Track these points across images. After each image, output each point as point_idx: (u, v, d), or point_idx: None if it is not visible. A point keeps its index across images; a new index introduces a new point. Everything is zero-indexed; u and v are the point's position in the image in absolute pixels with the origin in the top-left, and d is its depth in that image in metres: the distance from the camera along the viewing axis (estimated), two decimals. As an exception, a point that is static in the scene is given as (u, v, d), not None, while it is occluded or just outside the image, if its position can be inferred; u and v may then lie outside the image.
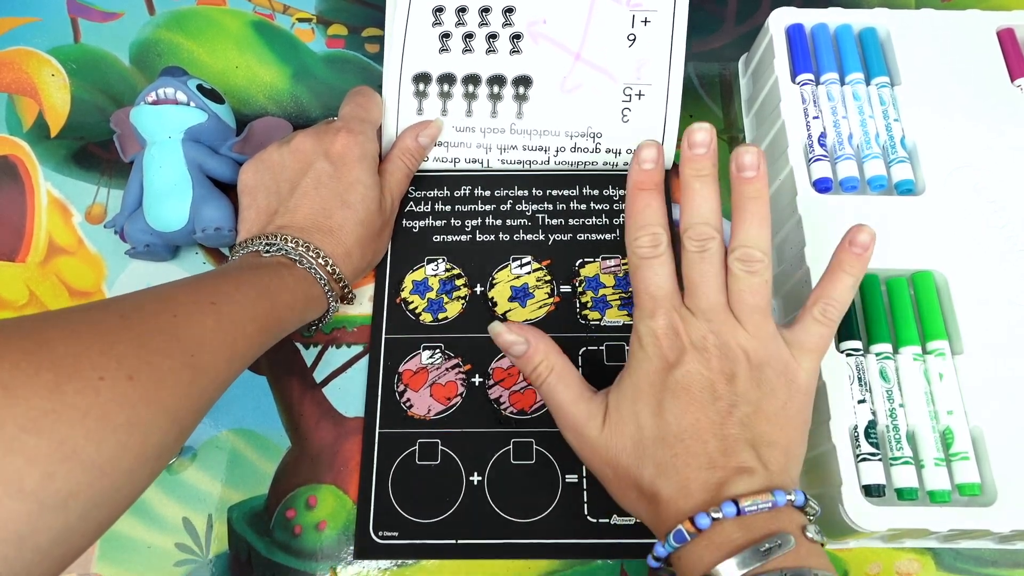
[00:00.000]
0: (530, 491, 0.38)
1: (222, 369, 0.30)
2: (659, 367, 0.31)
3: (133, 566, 0.37)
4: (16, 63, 0.49)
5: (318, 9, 0.51)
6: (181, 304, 0.30)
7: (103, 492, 0.24)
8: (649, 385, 0.31)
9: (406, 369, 0.40)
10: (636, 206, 0.32)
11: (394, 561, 0.37)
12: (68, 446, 0.23)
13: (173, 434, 0.28)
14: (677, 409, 0.30)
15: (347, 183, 0.38)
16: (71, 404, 0.24)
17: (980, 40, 0.43)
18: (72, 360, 0.24)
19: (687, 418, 0.29)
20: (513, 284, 0.42)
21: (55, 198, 0.45)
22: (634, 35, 0.44)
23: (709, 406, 0.30)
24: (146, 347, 0.27)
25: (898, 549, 0.37)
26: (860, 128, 0.41)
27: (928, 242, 0.38)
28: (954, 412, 0.35)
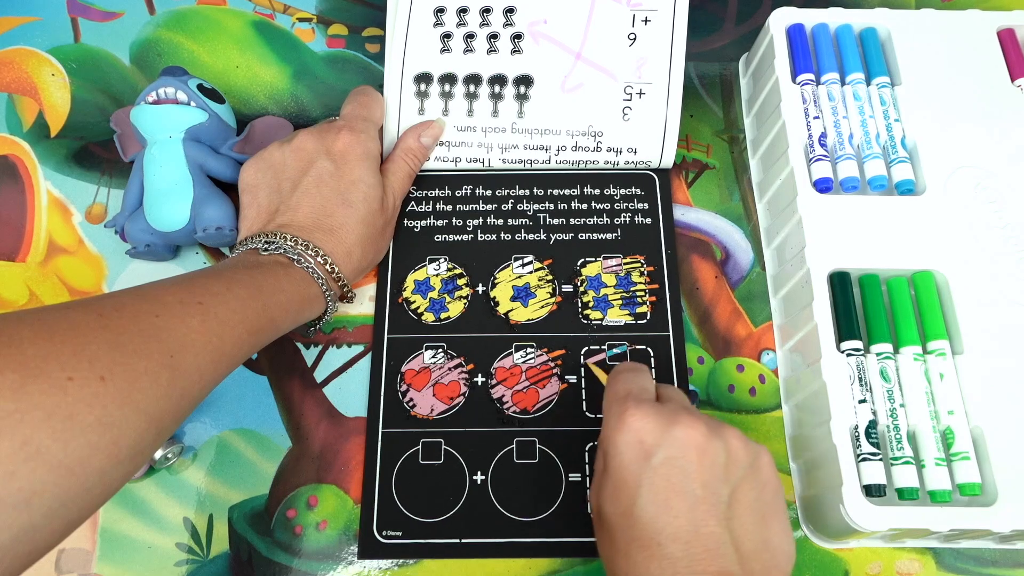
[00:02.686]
0: (533, 490, 0.38)
1: (207, 370, 0.30)
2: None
3: (134, 566, 0.37)
4: (16, 63, 0.49)
5: (318, 9, 0.51)
6: (166, 304, 0.30)
7: (71, 491, 0.24)
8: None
9: (409, 369, 0.40)
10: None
11: (394, 561, 0.37)
12: (32, 446, 0.23)
13: (150, 434, 0.27)
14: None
15: (349, 182, 0.38)
16: (36, 404, 0.24)
17: (980, 40, 0.43)
18: (40, 360, 0.25)
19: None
20: (515, 284, 0.42)
21: (55, 198, 0.45)
22: (634, 34, 0.44)
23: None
24: (122, 348, 0.27)
25: (899, 549, 0.37)
26: (860, 128, 0.41)
27: (928, 242, 0.38)
28: (955, 412, 0.35)
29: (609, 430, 0.30)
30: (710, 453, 0.28)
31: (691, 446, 0.28)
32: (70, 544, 0.37)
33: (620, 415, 0.29)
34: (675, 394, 0.33)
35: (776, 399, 0.40)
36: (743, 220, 0.45)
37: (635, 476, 0.28)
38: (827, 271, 0.37)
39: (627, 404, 0.30)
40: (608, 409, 0.31)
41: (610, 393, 0.32)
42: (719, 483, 0.28)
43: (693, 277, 0.43)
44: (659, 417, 0.29)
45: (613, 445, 0.29)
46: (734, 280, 0.43)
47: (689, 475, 0.28)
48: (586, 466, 0.38)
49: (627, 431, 0.29)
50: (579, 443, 0.39)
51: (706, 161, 0.46)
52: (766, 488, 0.29)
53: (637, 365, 0.34)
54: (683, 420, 0.29)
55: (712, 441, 0.29)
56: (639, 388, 0.31)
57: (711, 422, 0.29)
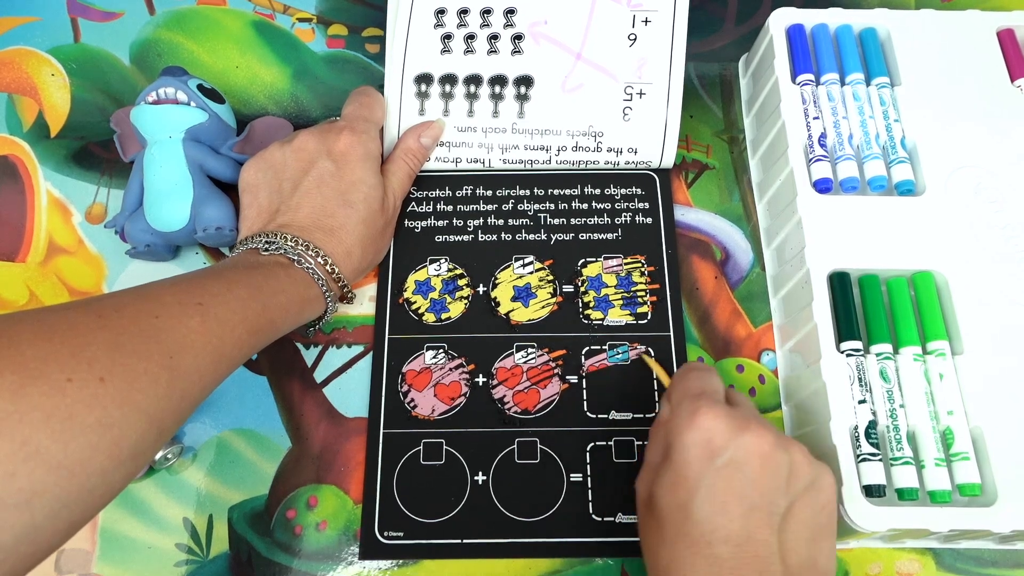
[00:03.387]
0: (535, 490, 0.38)
1: (207, 371, 0.30)
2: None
3: (133, 566, 0.37)
4: (16, 63, 0.49)
5: (318, 9, 0.51)
6: (165, 304, 0.30)
7: (72, 492, 0.25)
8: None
9: (410, 369, 0.40)
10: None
11: (395, 561, 0.37)
12: (31, 446, 0.23)
13: (151, 435, 0.28)
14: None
15: (349, 182, 0.38)
16: (34, 405, 0.24)
17: (980, 40, 0.43)
18: (39, 362, 0.25)
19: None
20: (516, 284, 0.42)
21: (55, 198, 0.45)
22: (635, 35, 0.44)
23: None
24: (121, 349, 0.27)
25: (899, 549, 0.37)
26: (860, 128, 0.41)
27: (928, 242, 0.38)
28: (954, 412, 0.35)
29: (678, 425, 0.30)
30: (774, 463, 0.29)
31: (756, 454, 0.29)
32: (70, 544, 0.37)
33: (692, 412, 0.30)
34: (745, 400, 0.33)
35: (776, 399, 0.40)
36: (743, 220, 0.45)
37: (697, 473, 0.29)
38: (827, 271, 0.37)
39: (700, 402, 0.30)
40: (679, 404, 0.31)
41: (681, 388, 0.32)
42: (778, 494, 0.29)
43: (693, 277, 0.43)
44: (731, 421, 0.29)
45: (680, 439, 0.30)
46: (734, 280, 0.43)
47: (750, 481, 0.28)
48: (587, 466, 0.38)
49: (697, 429, 0.29)
50: (580, 443, 0.39)
51: (706, 161, 0.46)
52: (824, 509, 0.30)
53: (707, 365, 0.34)
54: (753, 427, 0.29)
55: (778, 452, 0.29)
56: (712, 388, 0.32)
57: (780, 434, 0.30)
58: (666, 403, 0.33)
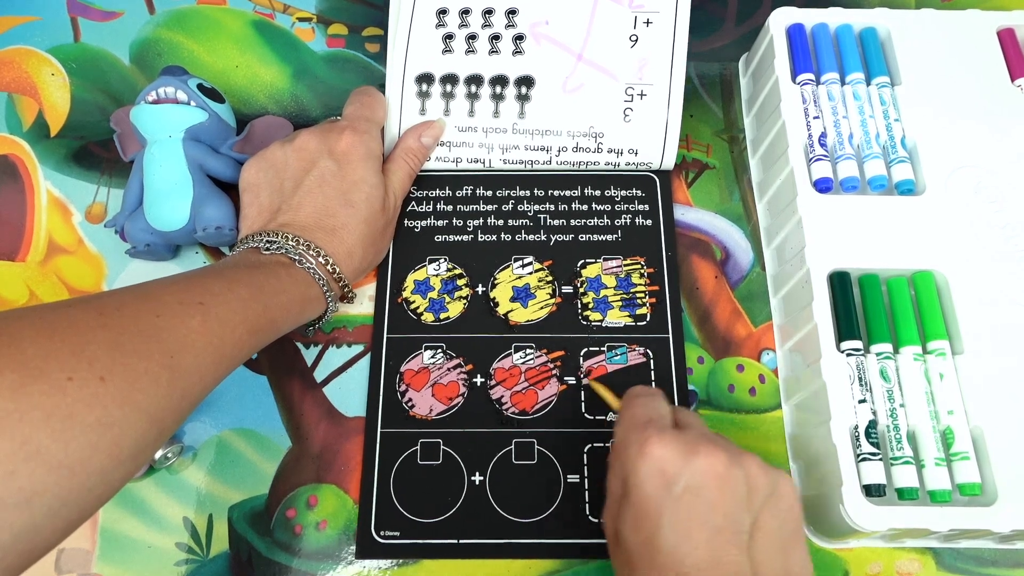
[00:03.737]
0: (532, 491, 0.38)
1: (207, 370, 0.30)
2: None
3: (133, 566, 0.37)
4: (16, 62, 0.49)
5: (318, 8, 0.51)
6: (166, 304, 0.30)
7: (71, 491, 0.25)
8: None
9: (408, 369, 0.40)
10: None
11: (394, 561, 0.37)
12: (31, 446, 0.23)
13: (151, 434, 0.28)
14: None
15: (351, 182, 0.38)
16: (35, 404, 0.24)
17: (980, 40, 0.43)
18: (40, 361, 0.25)
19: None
20: (515, 284, 0.42)
21: (55, 197, 0.45)
22: (636, 36, 0.44)
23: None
24: (121, 348, 0.27)
25: (898, 549, 0.37)
26: (860, 128, 0.41)
27: (928, 242, 0.38)
28: (954, 412, 0.35)
29: (630, 458, 0.30)
30: (731, 482, 0.28)
31: (712, 475, 0.28)
32: (70, 544, 0.37)
33: (641, 443, 0.29)
34: (692, 419, 0.33)
35: (776, 399, 0.40)
36: (743, 220, 0.45)
37: (657, 506, 0.28)
38: (827, 271, 0.37)
39: (648, 432, 0.30)
40: (627, 436, 0.31)
41: (628, 418, 0.32)
42: (740, 512, 0.28)
43: (693, 277, 0.43)
44: (680, 446, 0.29)
45: (635, 474, 0.29)
46: (734, 280, 0.43)
47: (710, 505, 0.28)
48: (584, 467, 0.38)
49: (649, 460, 0.29)
50: (578, 444, 0.39)
51: (706, 161, 0.46)
52: (787, 516, 0.29)
53: (652, 389, 0.34)
54: (704, 449, 0.29)
55: (733, 470, 0.29)
56: (658, 415, 0.31)
57: (731, 449, 0.29)
58: (618, 429, 0.33)
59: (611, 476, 0.32)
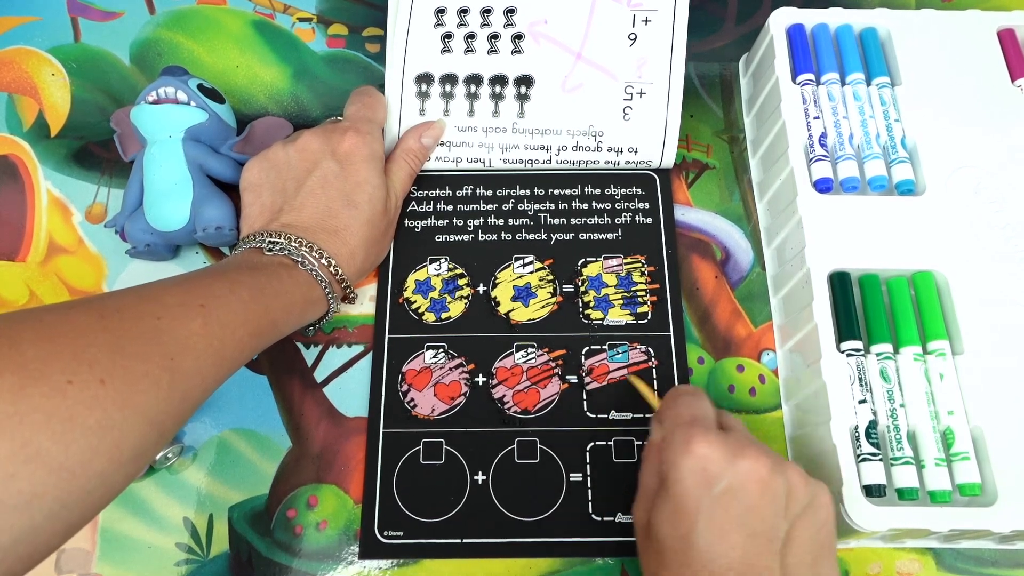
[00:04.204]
0: (535, 490, 0.38)
1: (208, 372, 0.30)
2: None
3: (134, 566, 0.37)
4: (16, 62, 0.49)
5: (319, 9, 0.51)
6: (167, 306, 0.30)
7: (72, 494, 0.25)
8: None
9: (409, 369, 0.40)
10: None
11: (393, 561, 0.37)
12: (31, 448, 0.23)
13: (152, 437, 0.28)
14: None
15: (354, 183, 0.38)
16: (35, 407, 0.24)
17: (980, 40, 0.43)
18: (40, 363, 0.25)
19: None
20: (516, 283, 0.42)
21: (55, 197, 0.45)
22: (635, 34, 0.44)
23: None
24: (122, 350, 0.27)
25: (899, 549, 0.37)
26: (861, 128, 0.41)
27: (928, 242, 0.38)
28: (954, 412, 0.35)
29: (673, 454, 0.30)
30: (772, 488, 0.29)
31: (754, 479, 0.28)
32: (70, 544, 0.37)
33: (686, 440, 0.29)
34: (737, 424, 0.33)
35: (776, 399, 0.40)
36: (743, 220, 0.45)
37: (695, 503, 0.28)
38: (827, 271, 0.37)
39: (694, 430, 0.30)
40: (672, 431, 0.31)
41: (672, 415, 0.32)
42: (777, 519, 0.28)
43: (693, 277, 0.43)
44: (726, 447, 0.29)
45: (676, 469, 0.29)
46: (734, 280, 0.43)
47: (749, 508, 0.28)
48: (587, 466, 0.38)
49: (693, 457, 0.29)
50: (580, 443, 0.39)
51: (706, 161, 0.46)
52: (822, 529, 0.29)
53: (697, 389, 0.34)
54: (749, 453, 0.29)
55: (775, 476, 0.29)
56: (704, 414, 0.32)
57: (775, 457, 0.30)
58: (657, 427, 0.33)
59: (646, 469, 0.32)
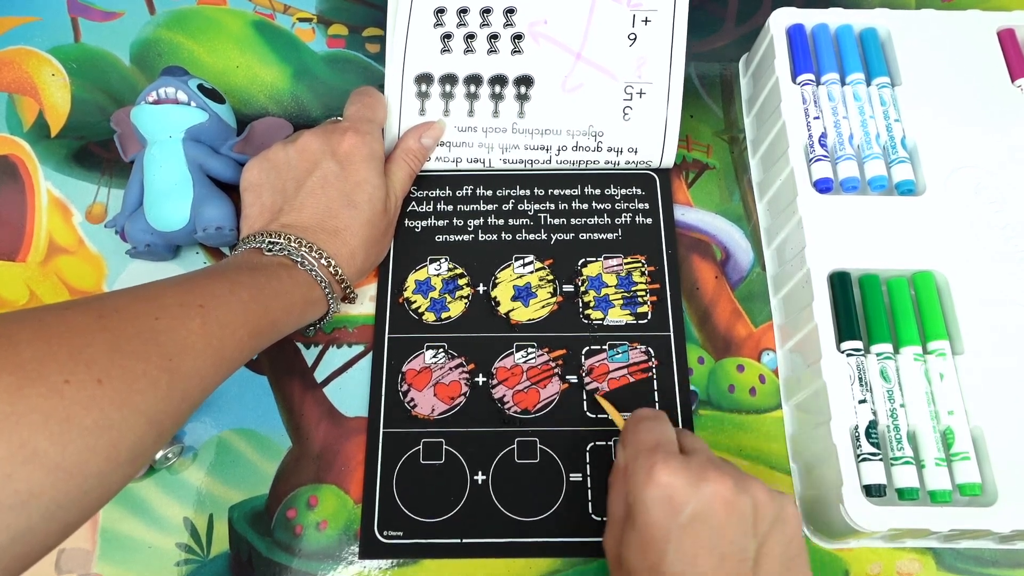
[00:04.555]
0: (534, 490, 0.38)
1: (207, 372, 0.30)
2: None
3: (134, 566, 0.37)
4: (16, 63, 0.49)
5: (319, 9, 0.51)
6: (165, 306, 0.30)
7: (69, 494, 0.24)
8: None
9: (409, 369, 0.40)
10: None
11: (393, 561, 0.37)
12: (28, 448, 0.23)
13: (150, 437, 0.27)
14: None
15: (354, 183, 0.38)
16: (32, 407, 0.24)
17: (980, 40, 0.43)
18: (37, 363, 0.24)
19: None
20: (516, 283, 0.42)
21: (55, 198, 0.45)
22: (635, 34, 0.44)
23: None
24: (120, 350, 0.27)
25: (899, 549, 0.37)
26: (861, 128, 0.41)
27: (928, 242, 0.38)
28: (955, 412, 0.35)
29: (637, 484, 0.30)
30: (738, 508, 0.28)
31: (719, 502, 0.28)
32: (70, 544, 0.37)
33: (649, 469, 0.29)
34: (698, 443, 0.33)
35: (776, 399, 0.40)
36: (743, 220, 0.45)
37: (664, 532, 0.28)
38: (827, 271, 0.37)
39: (655, 458, 0.30)
40: (634, 460, 0.31)
41: (634, 442, 0.32)
42: (747, 538, 0.28)
43: (693, 277, 0.43)
44: (688, 473, 0.29)
45: (641, 500, 0.29)
46: (734, 280, 0.43)
47: (717, 531, 0.28)
48: (587, 466, 0.38)
49: (656, 487, 0.29)
50: (580, 443, 0.39)
51: (706, 161, 0.46)
52: (792, 542, 0.29)
53: (657, 412, 0.34)
54: (711, 475, 0.29)
55: (740, 496, 0.29)
56: (665, 439, 0.31)
57: (737, 475, 0.30)
58: (621, 451, 0.32)
59: (613, 497, 0.32)
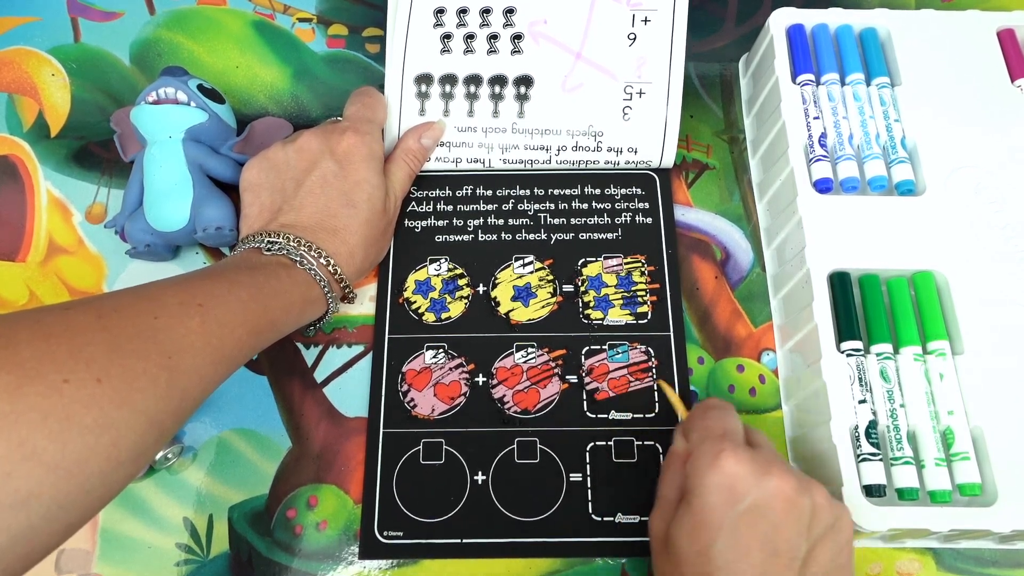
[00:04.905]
0: (534, 490, 0.38)
1: (206, 371, 0.30)
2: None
3: (134, 566, 0.37)
4: (16, 63, 0.49)
5: (318, 9, 0.51)
6: (165, 305, 0.30)
7: (69, 493, 0.25)
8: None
9: (409, 369, 0.40)
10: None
11: (393, 561, 0.37)
12: (28, 447, 0.23)
13: (150, 436, 0.27)
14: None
15: (353, 183, 0.38)
16: (31, 406, 0.24)
17: (980, 40, 0.43)
18: (36, 362, 0.25)
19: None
20: (516, 284, 0.42)
21: (55, 198, 0.45)
22: (634, 34, 0.44)
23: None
24: (119, 349, 0.27)
25: (899, 549, 0.37)
26: (860, 128, 0.41)
27: (928, 242, 0.38)
28: (954, 412, 0.35)
29: (700, 467, 0.30)
30: (797, 508, 0.28)
31: (781, 498, 0.28)
32: (70, 544, 0.37)
33: (715, 455, 0.29)
34: (764, 440, 0.33)
35: (776, 399, 0.40)
36: (743, 220, 0.45)
37: (719, 519, 0.28)
38: (827, 271, 0.37)
39: (723, 445, 0.30)
40: (700, 444, 0.31)
41: (702, 427, 0.32)
42: (800, 539, 0.28)
43: (693, 277, 0.43)
44: (754, 465, 0.29)
45: (702, 484, 0.29)
46: (734, 280, 0.43)
47: (773, 527, 0.28)
48: (587, 466, 0.38)
49: (720, 473, 0.29)
50: (580, 443, 0.39)
51: (706, 161, 0.46)
52: (843, 551, 0.29)
53: (727, 404, 0.34)
54: (776, 471, 0.29)
55: (801, 496, 0.29)
56: (733, 429, 0.31)
57: (801, 476, 0.30)
58: (681, 437, 0.32)
59: (667, 480, 0.32)
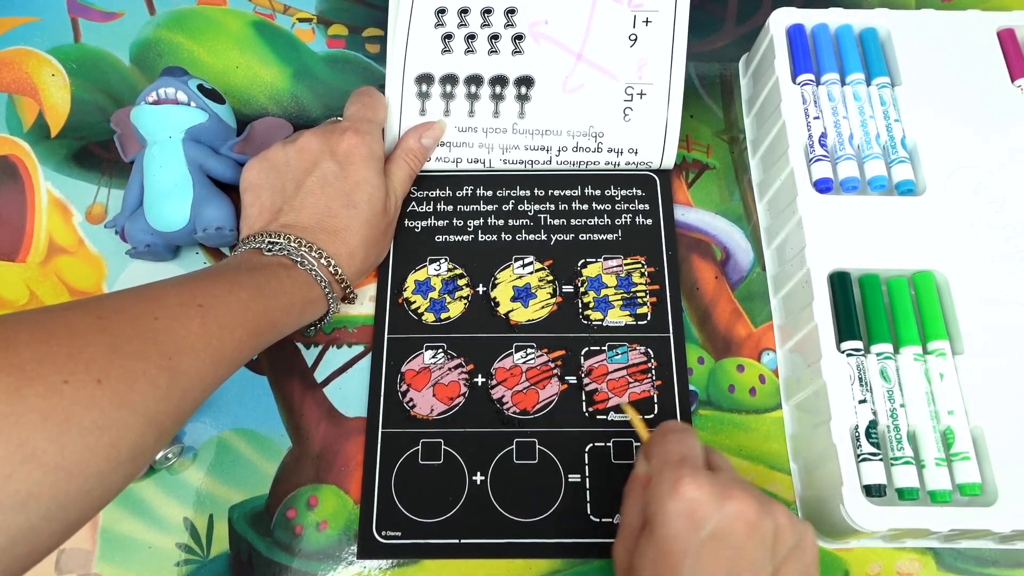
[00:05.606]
0: (533, 491, 0.38)
1: (207, 372, 0.30)
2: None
3: (134, 566, 0.37)
4: (16, 63, 0.49)
5: (319, 9, 0.51)
6: (165, 306, 0.30)
7: (69, 494, 0.25)
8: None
9: (409, 369, 0.40)
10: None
11: (393, 561, 0.37)
12: (27, 448, 0.23)
13: (150, 437, 0.27)
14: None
15: (353, 183, 0.38)
16: (31, 407, 0.24)
17: (980, 40, 0.43)
18: (36, 364, 0.25)
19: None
20: (515, 284, 0.42)
21: (55, 198, 0.45)
22: (635, 35, 0.44)
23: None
24: (119, 350, 0.27)
25: (899, 549, 0.37)
26: (861, 128, 0.41)
27: (928, 242, 0.38)
28: (955, 412, 0.35)
29: (660, 495, 0.29)
30: (760, 530, 0.28)
31: (742, 522, 0.28)
32: (70, 544, 0.37)
33: (674, 482, 0.29)
34: (723, 461, 0.32)
35: (776, 399, 0.40)
36: (743, 220, 0.45)
37: (682, 546, 0.28)
38: (827, 271, 0.37)
39: (682, 471, 0.29)
40: (660, 471, 0.30)
41: (661, 454, 0.31)
42: (764, 561, 0.28)
43: (693, 277, 0.43)
44: (713, 489, 0.28)
45: (663, 512, 0.29)
46: (734, 280, 0.43)
47: (736, 551, 0.28)
48: (586, 467, 0.38)
49: (680, 500, 0.28)
50: (579, 444, 0.39)
51: (706, 161, 0.46)
52: (809, 569, 0.29)
53: (686, 426, 0.33)
54: (736, 494, 0.28)
55: (763, 518, 0.28)
56: (693, 454, 0.31)
57: (761, 497, 0.29)
58: (643, 461, 0.32)
59: (629, 506, 0.31)
